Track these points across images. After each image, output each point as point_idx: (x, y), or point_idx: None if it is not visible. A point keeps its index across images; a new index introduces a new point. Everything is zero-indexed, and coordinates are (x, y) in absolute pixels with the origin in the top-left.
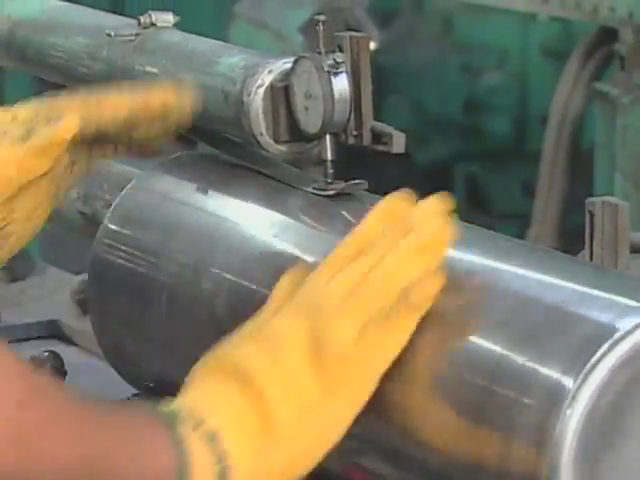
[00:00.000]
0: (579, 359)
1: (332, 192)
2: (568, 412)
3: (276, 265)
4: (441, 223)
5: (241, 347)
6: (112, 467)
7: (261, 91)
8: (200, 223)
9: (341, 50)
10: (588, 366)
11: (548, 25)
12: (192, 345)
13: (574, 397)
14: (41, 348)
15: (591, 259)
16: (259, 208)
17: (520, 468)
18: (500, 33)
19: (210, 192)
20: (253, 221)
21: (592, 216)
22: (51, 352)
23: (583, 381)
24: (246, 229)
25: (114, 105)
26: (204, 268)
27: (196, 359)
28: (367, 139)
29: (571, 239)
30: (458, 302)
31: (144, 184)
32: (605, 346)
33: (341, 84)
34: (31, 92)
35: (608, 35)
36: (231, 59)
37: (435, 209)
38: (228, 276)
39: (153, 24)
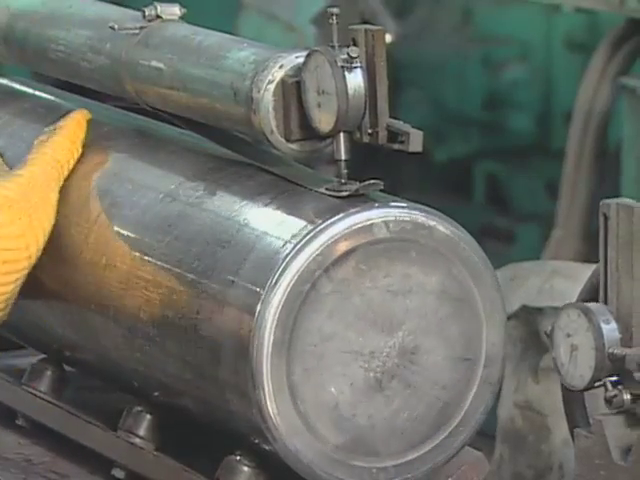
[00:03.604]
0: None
1: (346, 193)
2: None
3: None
4: None
5: None
6: None
7: (272, 87)
8: None
9: (355, 44)
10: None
11: (573, 16)
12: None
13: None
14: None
15: (605, 264)
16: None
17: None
18: (522, 25)
19: (218, 193)
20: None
21: (606, 219)
22: (50, 360)
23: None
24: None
25: None
26: None
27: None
28: (383, 137)
29: (597, 241)
30: None
31: None
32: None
33: (355, 80)
34: None
35: (636, 27)
36: (240, 53)
37: None
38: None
39: (159, 16)
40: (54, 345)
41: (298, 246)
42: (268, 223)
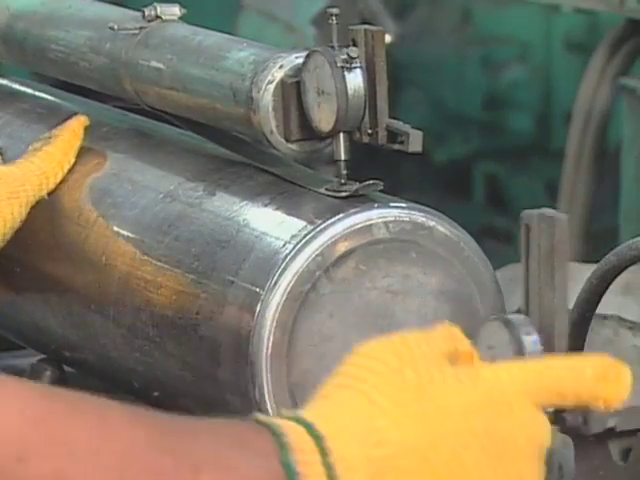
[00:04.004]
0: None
1: (345, 193)
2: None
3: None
4: None
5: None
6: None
7: (271, 87)
8: None
9: (355, 44)
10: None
11: (572, 17)
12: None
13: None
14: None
15: (527, 275)
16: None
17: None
18: (522, 25)
19: (217, 193)
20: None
21: (528, 229)
22: (50, 360)
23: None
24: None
25: None
26: None
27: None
28: (382, 137)
29: (597, 241)
30: None
31: None
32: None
33: (355, 80)
34: None
35: (635, 28)
36: (240, 54)
37: None
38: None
39: (158, 17)
40: (53, 345)
41: (298, 246)
42: (268, 223)
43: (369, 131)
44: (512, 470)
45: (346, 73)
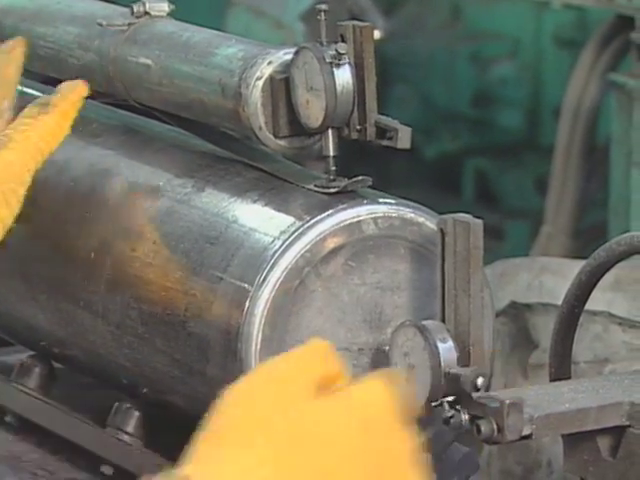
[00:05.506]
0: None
1: (334, 189)
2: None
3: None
4: None
5: None
6: None
7: (260, 83)
8: None
9: (344, 40)
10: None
11: (562, 13)
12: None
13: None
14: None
15: (443, 281)
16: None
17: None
18: (512, 21)
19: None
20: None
21: (444, 234)
22: (39, 357)
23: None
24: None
25: None
26: None
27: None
28: (371, 134)
29: (586, 237)
30: None
31: None
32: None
33: (344, 76)
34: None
35: (624, 23)
36: (229, 50)
37: None
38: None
39: (147, 13)
40: (43, 342)
41: (286, 243)
42: (256, 220)
43: (358, 127)
44: None
45: (335, 69)
